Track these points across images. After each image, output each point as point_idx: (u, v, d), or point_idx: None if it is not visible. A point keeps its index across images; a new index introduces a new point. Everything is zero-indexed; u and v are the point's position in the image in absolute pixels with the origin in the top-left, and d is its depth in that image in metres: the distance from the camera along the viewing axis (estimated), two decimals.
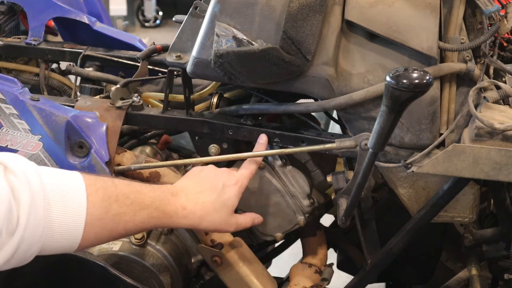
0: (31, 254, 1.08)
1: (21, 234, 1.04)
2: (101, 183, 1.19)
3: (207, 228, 1.38)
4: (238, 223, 1.41)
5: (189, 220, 1.33)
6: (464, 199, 1.47)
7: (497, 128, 1.29)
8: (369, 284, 1.63)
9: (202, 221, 1.34)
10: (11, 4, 1.95)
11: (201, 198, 1.35)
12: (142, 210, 1.24)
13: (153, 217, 1.26)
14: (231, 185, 1.39)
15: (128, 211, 1.22)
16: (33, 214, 1.05)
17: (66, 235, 1.12)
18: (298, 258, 1.74)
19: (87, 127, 1.48)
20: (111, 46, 1.82)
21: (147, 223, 1.27)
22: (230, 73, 1.38)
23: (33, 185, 1.06)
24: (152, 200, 1.27)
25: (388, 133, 1.18)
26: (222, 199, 1.37)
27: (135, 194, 1.24)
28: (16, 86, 1.50)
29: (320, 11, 1.38)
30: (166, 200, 1.30)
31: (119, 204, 1.20)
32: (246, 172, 1.44)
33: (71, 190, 1.13)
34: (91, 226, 1.15)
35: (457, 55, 1.41)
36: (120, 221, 1.20)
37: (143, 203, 1.25)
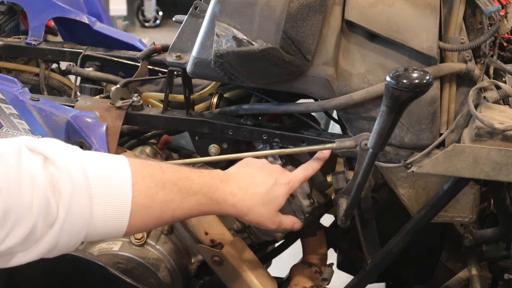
0: (74, 244, 1.08)
1: (60, 226, 1.03)
2: (148, 169, 1.17)
3: (252, 220, 1.35)
4: (281, 223, 1.40)
5: (237, 209, 1.31)
6: (464, 199, 1.47)
7: (497, 128, 1.29)
8: (369, 284, 1.63)
9: (250, 212, 1.33)
10: (11, 4, 1.95)
11: (252, 189, 1.33)
12: (190, 197, 1.22)
13: (201, 203, 1.25)
14: (282, 184, 1.38)
15: (176, 198, 1.20)
16: (74, 206, 1.03)
17: (111, 225, 1.10)
18: (298, 258, 1.74)
19: (87, 127, 1.48)
20: (111, 46, 1.82)
21: (195, 210, 1.25)
22: (230, 73, 1.38)
23: (75, 177, 1.04)
24: (201, 186, 1.25)
25: (388, 133, 1.17)
26: (271, 195, 1.35)
27: (183, 181, 1.22)
28: (16, 86, 1.51)
29: (320, 11, 1.38)
30: (215, 187, 1.28)
31: (166, 191, 1.18)
32: (300, 175, 1.43)
33: (117, 179, 1.11)
34: (137, 215, 1.13)
35: (457, 55, 1.41)
36: (167, 209, 1.19)
37: (191, 189, 1.23)
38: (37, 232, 1.01)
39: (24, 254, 1.02)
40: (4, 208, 0.95)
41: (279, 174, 1.39)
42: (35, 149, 1.04)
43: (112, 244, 1.60)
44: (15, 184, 0.97)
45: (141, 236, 1.58)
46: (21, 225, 0.98)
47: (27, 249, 1.02)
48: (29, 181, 0.99)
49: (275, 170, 1.40)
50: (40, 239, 1.02)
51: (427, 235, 1.67)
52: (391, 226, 1.57)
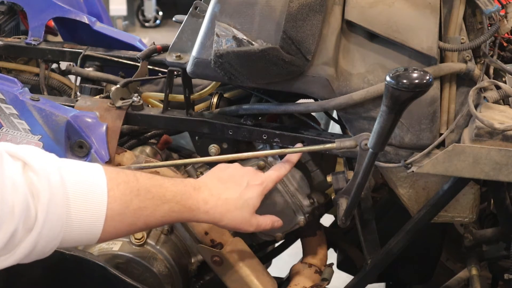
0: (50, 249, 1.09)
1: (39, 231, 1.04)
2: (122, 177, 1.19)
3: (227, 225, 1.36)
4: (259, 224, 1.40)
5: (210, 216, 1.32)
6: (464, 199, 1.47)
7: (497, 128, 1.29)
8: (369, 284, 1.63)
9: (223, 218, 1.34)
10: (11, 4, 1.95)
11: (224, 194, 1.34)
12: (163, 205, 1.24)
13: (174, 211, 1.26)
14: (255, 185, 1.39)
15: (149, 205, 1.21)
16: (52, 211, 1.05)
17: (86, 231, 1.12)
18: (298, 258, 1.74)
19: (87, 127, 1.48)
20: (111, 46, 1.82)
21: (168, 217, 1.26)
22: (230, 73, 1.38)
23: (53, 183, 1.06)
24: (174, 194, 1.26)
25: (388, 133, 1.17)
26: (244, 198, 1.36)
27: (156, 188, 1.24)
28: (16, 86, 1.51)
29: (320, 11, 1.38)
30: (188, 194, 1.29)
31: (140, 198, 1.20)
32: (273, 175, 1.44)
33: (93, 185, 1.13)
34: (112, 221, 1.15)
35: (457, 55, 1.41)
36: (140, 216, 1.20)
37: (164, 197, 1.24)
38: (17, 237, 1.02)
39: (4, 259, 1.04)
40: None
41: (252, 175, 1.40)
42: (15, 155, 1.06)
43: (112, 244, 1.60)
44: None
45: (141, 236, 1.58)
46: (3, 229, 1.00)
47: (6, 253, 1.03)
48: (11, 186, 1.00)
49: (246, 173, 1.41)
50: (19, 243, 1.03)
51: (427, 235, 1.67)
52: (391, 226, 1.57)
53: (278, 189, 1.56)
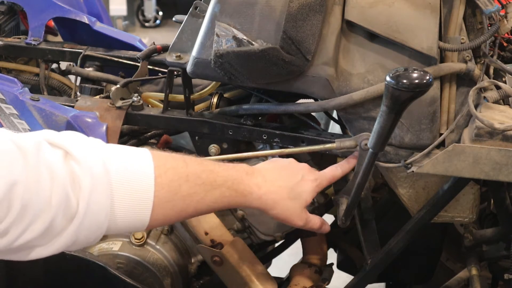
0: (96, 237, 1.07)
1: (80, 221, 1.02)
2: (171, 162, 1.16)
3: (278, 214, 1.32)
4: (308, 220, 1.36)
5: (263, 202, 1.29)
6: (464, 199, 1.47)
7: (497, 128, 1.29)
8: (369, 284, 1.63)
9: (276, 205, 1.30)
10: (11, 4, 1.95)
11: (278, 182, 1.31)
12: (213, 190, 1.21)
13: (225, 196, 1.23)
14: (309, 180, 1.36)
15: (199, 191, 1.18)
16: (94, 201, 1.03)
17: (134, 219, 1.10)
18: (298, 258, 1.74)
19: (87, 127, 1.48)
20: (111, 46, 1.82)
21: (220, 203, 1.23)
22: (230, 73, 1.38)
23: (95, 171, 1.04)
24: (225, 179, 1.23)
25: (388, 133, 1.18)
26: (298, 190, 1.33)
27: (207, 174, 1.20)
28: (16, 86, 1.51)
29: (320, 11, 1.38)
30: (240, 179, 1.26)
31: (190, 184, 1.17)
32: (328, 174, 1.40)
33: (138, 173, 1.10)
34: (160, 208, 1.12)
35: (457, 55, 1.41)
36: (190, 202, 1.17)
37: (215, 182, 1.21)
38: (57, 227, 1.00)
39: (43, 248, 1.02)
40: (22, 203, 0.95)
41: (307, 171, 1.37)
42: (56, 143, 1.04)
43: (112, 244, 1.60)
44: (34, 179, 0.96)
45: (141, 236, 1.58)
46: (40, 219, 0.98)
47: (46, 243, 1.02)
48: (48, 176, 0.98)
49: (302, 167, 1.38)
50: (59, 233, 1.02)
51: (427, 235, 1.67)
52: (391, 226, 1.57)
53: None
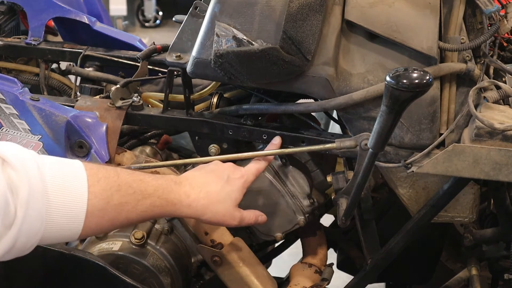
0: (31, 245, 1.09)
1: (19, 228, 1.04)
2: (103, 172, 1.19)
3: (210, 219, 1.36)
4: (242, 217, 1.39)
5: (193, 209, 1.32)
6: (464, 199, 1.47)
7: (497, 128, 1.29)
8: (369, 284, 1.63)
9: (206, 211, 1.33)
10: (11, 4, 1.95)
11: (205, 187, 1.34)
12: (144, 199, 1.23)
13: (156, 205, 1.26)
14: (236, 178, 1.39)
15: (130, 200, 1.21)
16: (32, 207, 1.05)
17: (67, 227, 1.12)
18: (298, 258, 1.74)
19: (87, 127, 1.48)
20: (111, 46, 1.82)
21: (150, 212, 1.26)
22: (230, 73, 1.38)
23: (32, 179, 1.06)
24: (155, 188, 1.26)
25: (388, 133, 1.18)
26: (226, 190, 1.36)
27: (137, 183, 1.23)
28: (16, 86, 1.51)
29: (320, 11, 1.38)
30: (170, 188, 1.29)
31: (121, 193, 1.19)
32: (252, 168, 1.44)
33: (72, 181, 1.13)
34: (92, 216, 1.15)
35: (457, 55, 1.41)
36: (122, 211, 1.20)
37: (145, 191, 1.24)
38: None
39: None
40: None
41: (232, 169, 1.40)
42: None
43: (112, 244, 1.60)
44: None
45: (141, 236, 1.58)
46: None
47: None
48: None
49: (227, 167, 1.41)
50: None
51: (427, 235, 1.67)
52: (391, 226, 1.57)
53: (278, 189, 1.56)
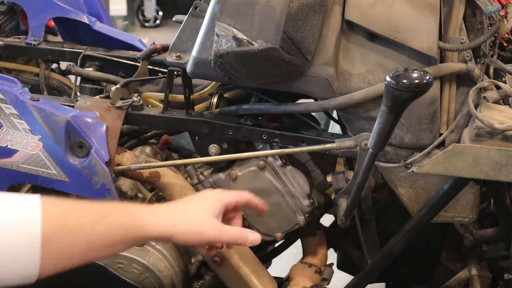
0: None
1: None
2: (57, 201, 1.10)
3: (186, 230, 1.19)
4: (225, 229, 1.25)
5: (163, 220, 1.16)
6: (464, 199, 1.47)
7: (497, 128, 1.29)
8: (369, 284, 1.63)
9: (179, 222, 1.18)
10: (11, 4, 1.95)
11: (173, 203, 1.27)
12: (103, 219, 1.11)
13: (118, 223, 1.12)
14: (210, 194, 1.31)
15: (88, 221, 1.09)
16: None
17: (23, 259, 1.03)
18: (298, 258, 1.74)
19: (87, 127, 1.48)
20: (111, 46, 1.82)
21: (112, 233, 1.11)
22: (230, 73, 1.38)
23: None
24: (115, 206, 1.16)
25: (388, 133, 1.18)
26: (198, 201, 1.26)
27: (95, 205, 1.13)
28: (16, 86, 1.50)
29: (320, 11, 1.38)
30: (131, 205, 1.18)
31: (77, 215, 1.09)
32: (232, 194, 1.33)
33: (24, 210, 1.05)
34: (49, 243, 1.04)
35: (457, 55, 1.41)
36: (79, 235, 1.08)
37: (104, 210, 1.12)
38: None
39: None
40: None
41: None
42: None
43: None
44: None
45: None
46: None
47: None
48: None
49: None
50: None
51: (427, 235, 1.67)
52: (391, 226, 1.57)
53: (278, 189, 1.56)
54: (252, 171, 1.57)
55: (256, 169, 1.56)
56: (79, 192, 1.53)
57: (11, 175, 1.51)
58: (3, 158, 1.49)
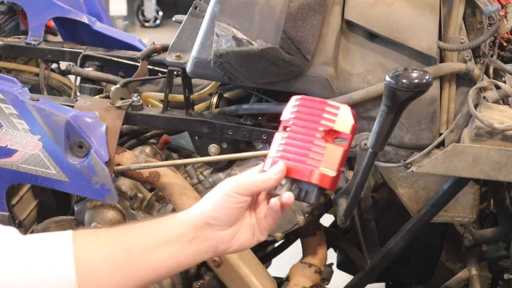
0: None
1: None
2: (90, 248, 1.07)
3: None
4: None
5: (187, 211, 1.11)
6: (464, 199, 1.47)
7: (496, 128, 1.29)
8: (369, 284, 1.63)
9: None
10: (11, 4, 1.95)
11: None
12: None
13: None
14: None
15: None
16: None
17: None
18: (298, 258, 1.74)
19: (87, 127, 1.48)
20: (111, 46, 1.82)
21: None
22: (230, 73, 1.38)
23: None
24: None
25: (388, 133, 1.17)
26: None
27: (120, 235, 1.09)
28: (16, 86, 1.50)
29: (320, 11, 1.38)
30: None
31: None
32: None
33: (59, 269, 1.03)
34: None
35: (457, 55, 1.41)
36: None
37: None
38: None
39: None
40: None
41: None
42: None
43: None
44: None
45: None
46: None
47: None
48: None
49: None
50: None
51: (427, 235, 1.67)
52: (391, 226, 1.57)
53: None
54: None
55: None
56: (79, 192, 1.53)
57: (10, 175, 1.51)
58: (2, 158, 1.49)
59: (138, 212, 1.64)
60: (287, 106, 1.11)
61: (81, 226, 1.68)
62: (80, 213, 1.67)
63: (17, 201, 1.70)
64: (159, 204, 1.68)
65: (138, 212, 1.64)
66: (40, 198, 1.78)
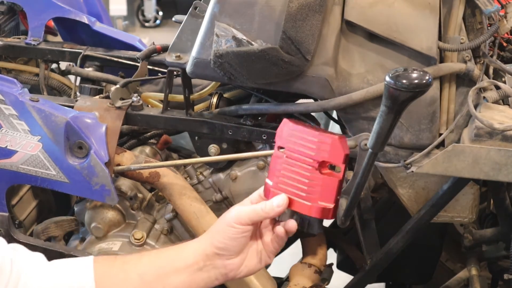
0: None
1: None
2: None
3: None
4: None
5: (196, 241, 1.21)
6: (464, 199, 1.47)
7: (496, 128, 1.29)
8: (369, 284, 1.63)
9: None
10: (11, 4, 1.95)
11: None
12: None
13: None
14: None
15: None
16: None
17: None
18: (298, 258, 1.74)
19: (87, 128, 1.48)
20: (111, 46, 1.82)
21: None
22: (230, 73, 1.38)
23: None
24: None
25: (388, 133, 1.17)
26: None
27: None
28: (16, 86, 1.50)
29: (320, 11, 1.38)
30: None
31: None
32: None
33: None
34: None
35: (456, 55, 1.41)
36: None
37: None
38: None
39: None
40: None
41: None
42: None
43: (112, 244, 1.60)
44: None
45: (141, 236, 1.58)
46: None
47: None
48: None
49: None
50: None
51: (427, 235, 1.67)
52: (391, 226, 1.57)
53: None
54: (251, 171, 1.57)
55: (256, 169, 1.56)
56: (79, 193, 1.53)
57: (10, 175, 1.51)
58: (2, 159, 1.49)
59: (138, 212, 1.64)
60: (279, 129, 1.18)
61: (80, 226, 1.68)
62: (80, 213, 1.67)
63: (17, 201, 1.70)
64: (159, 204, 1.68)
65: (138, 212, 1.64)
66: (40, 198, 1.78)
